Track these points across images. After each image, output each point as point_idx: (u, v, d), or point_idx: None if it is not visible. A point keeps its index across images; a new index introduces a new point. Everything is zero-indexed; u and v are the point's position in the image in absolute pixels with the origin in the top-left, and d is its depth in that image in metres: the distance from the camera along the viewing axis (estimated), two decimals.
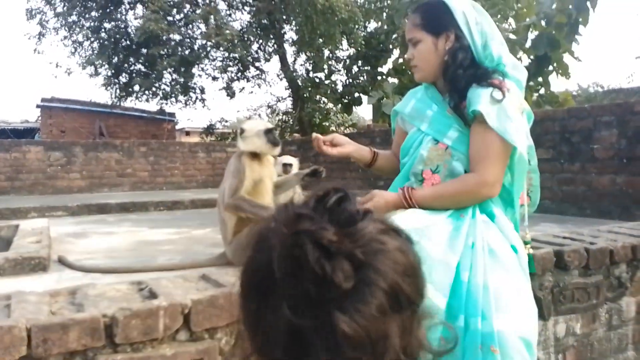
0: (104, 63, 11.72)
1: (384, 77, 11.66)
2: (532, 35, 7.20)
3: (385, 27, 11.91)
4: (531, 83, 7.28)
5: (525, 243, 1.78)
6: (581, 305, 2.18)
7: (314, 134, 1.95)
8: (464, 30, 1.76)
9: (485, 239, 1.61)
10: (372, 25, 12.66)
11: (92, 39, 11.79)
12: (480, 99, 1.67)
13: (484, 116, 1.63)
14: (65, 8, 11.31)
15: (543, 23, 7.01)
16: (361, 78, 12.31)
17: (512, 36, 7.30)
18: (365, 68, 12.45)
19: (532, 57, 7.17)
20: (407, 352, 0.56)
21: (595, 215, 4.29)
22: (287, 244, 0.53)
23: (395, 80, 9.28)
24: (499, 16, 7.68)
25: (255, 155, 2.63)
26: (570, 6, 6.62)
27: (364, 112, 27.75)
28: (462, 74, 1.75)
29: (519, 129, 1.67)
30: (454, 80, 1.77)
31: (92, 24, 11.62)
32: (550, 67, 7.18)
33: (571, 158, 4.47)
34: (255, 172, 2.57)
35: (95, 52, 11.83)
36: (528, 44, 7.19)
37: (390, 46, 11.98)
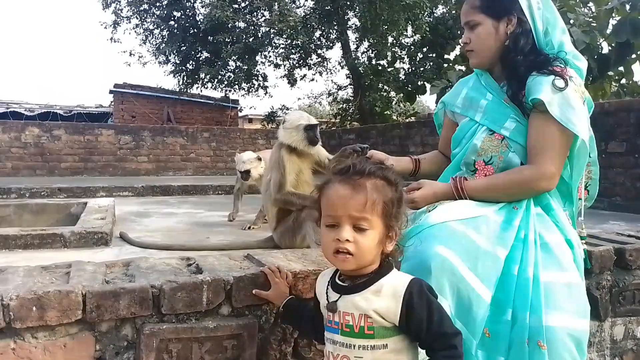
0: (173, 51, 12.14)
1: (450, 64, 11.29)
2: (613, 20, 6.70)
3: (454, 12, 11.51)
4: (611, 72, 6.79)
5: (581, 238, 1.70)
6: None
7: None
8: (527, 15, 1.68)
9: (538, 231, 1.55)
10: (439, 11, 12.28)
11: (162, 27, 12.25)
12: (541, 87, 1.59)
13: (545, 105, 1.56)
14: None
15: (627, 7, 6.49)
16: (426, 66, 11.96)
17: (591, 22, 6.82)
18: (431, 55, 12.09)
19: (613, 44, 6.68)
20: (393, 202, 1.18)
21: None
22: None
23: (463, 68, 8.95)
24: (577, 0, 7.18)
25: (294, 148, 2.60)
26: None
27: (430, 101, 26.98)
28: (522, 60, 1.68)
29: (581, 118, 1.58)
30: (514, 66, 1.69)
31: (161, 12, 12.06)
32: (634, 56, 6.67)
33: None
34: (295, 164, 2.57)
35: (165, 40, 12.27)
36: (609, 30, 6.70)
37: (459, 32, 11.53)
